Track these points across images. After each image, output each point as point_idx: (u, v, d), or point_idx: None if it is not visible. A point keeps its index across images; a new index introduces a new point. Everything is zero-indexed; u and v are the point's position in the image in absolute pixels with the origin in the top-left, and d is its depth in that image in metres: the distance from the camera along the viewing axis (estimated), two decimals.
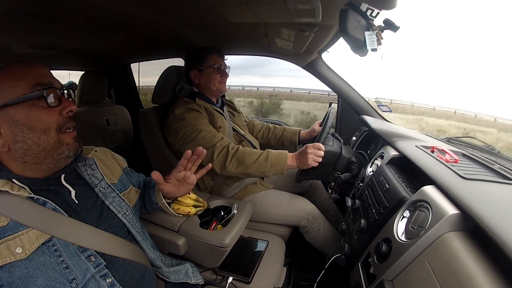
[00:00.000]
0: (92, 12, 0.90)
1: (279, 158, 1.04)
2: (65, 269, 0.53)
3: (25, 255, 0.49)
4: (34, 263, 0.50)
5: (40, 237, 0.52)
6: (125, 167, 0.81)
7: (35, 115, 0.53)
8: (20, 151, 0.53)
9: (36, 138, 0.53)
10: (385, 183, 0.80)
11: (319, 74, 1.45)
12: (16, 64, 0.55)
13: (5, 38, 1.11)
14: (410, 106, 7.73)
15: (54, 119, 0.55)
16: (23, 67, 0.54)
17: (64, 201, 0.59)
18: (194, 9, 0.95)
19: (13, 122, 0.52)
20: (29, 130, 0.53)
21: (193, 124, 1.09)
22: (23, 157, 0.54)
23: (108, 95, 2.13)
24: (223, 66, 1.24)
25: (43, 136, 0.54)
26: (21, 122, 0.52)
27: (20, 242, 0.50)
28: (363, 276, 0.69)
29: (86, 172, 0.66)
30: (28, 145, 0.53)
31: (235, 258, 0.95)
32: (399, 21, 0.74)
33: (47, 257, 0.52)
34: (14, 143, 0.52)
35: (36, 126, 0.53)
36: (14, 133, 0.52)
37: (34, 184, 0.56)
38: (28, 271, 0.49)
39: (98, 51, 1.61)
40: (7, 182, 0.52)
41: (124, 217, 0.68)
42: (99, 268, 0.58)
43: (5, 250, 0.48)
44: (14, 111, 0.51)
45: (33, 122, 0.53)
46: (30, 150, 0.53)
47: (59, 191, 0.59)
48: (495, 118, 6.35)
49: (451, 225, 0.51)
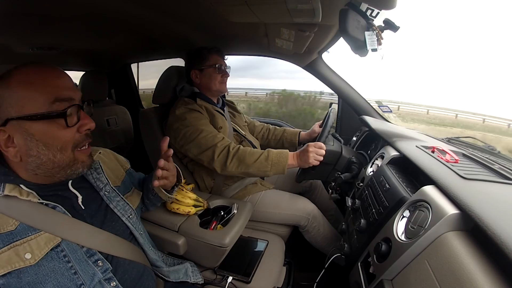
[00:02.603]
0: (92, 12, 0.90)
1: (279, 157, 1.04)
2: (73, 274, 0.53)
3: (34, 261, 0.49)
4: (43, 269, 0.50)
5: (49, 243, 0.52)
6: (128, 169, 0.81)
7: (53, 133, 0.51)
8: (33, 164, 0.51)
9: (51, 156, 0.51)
10: (385, 183, 0.80)
11: (319, 74, 1.45)
12: (33, 68, 0.51)
13: (5, 38, 1.11)
14: (425, 112, 6.70)
15: (71, 137, 0.53)
16: (42, 75, 0.51)
17: (71, 206, 0.58)
18: (194, 9, 0.95)
19: (28, 135, 0.49)
20: (45, 147, 0.51)
21: (194, 125, 1.09)
22: (35, 170, 0.52)
23: (109, 95, 2.14)
24: (224, 66, 1.24)
25: (59, 155, 0.52)
26: (36, 137, 0.50)
27: (29, 247, 0.49)
28: (363, 276, 0.69)
29: (92, 175, 0.66)
30: (42, 161, 0.51)
31: (235, 257, 0.95)
32: (399, 21, 0.74)
33: (56, 263, 0.52)
34: (27, 156, 0.51)
35: (53, 144, 0.51)
36: (28, 146, 0.50)
37: (42, 190, 0.55)
38: (37, 277, 0.49)
39: (98, 51, 1.61)
40: (15, 187, 0.51)
41: (128, 220, 0.69)
42: (106, 273, 0.58)
43: (14, 256, 0.48)
44: (30, 124, 0.49)
45: (49, 140, 0.51)
46: (44, 166, 0.52)
47: (66, 196, 0.59)
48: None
49: (451, 225, 0.51)
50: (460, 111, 5.79)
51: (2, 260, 0.46)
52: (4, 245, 0.47)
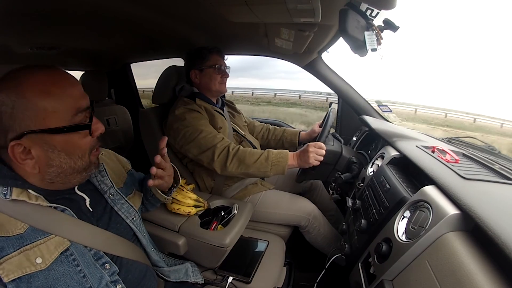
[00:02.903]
0: (92, 12, 0.90)
1: (279, 158, 1.04)
2: (82, 278, 0.53)
3: (45, 265, 0.49)
4: (53, 273, 0.50)
5: (58, 247, 0.52)
6: (129, 170, 0.81)
7: (75, 143, 0.52)
8: (53, 174, 0.52)
9: (73, 163, 0.53)
10: (386, 183, 0.80)
11: (319, 74, 1.45)
12: (46, 75, 0.49)
13: (5, 38, 1.11)
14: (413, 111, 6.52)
15: (89, 143, 0.55)
16: (59, 84, 0.49)
17: (79, 209, 0.58)
18: (194, 9, 0.95)
19: (50, 147, 0.49)
20: (67, 155, 0.52)
21: (193, 125, 1.09)
22: (53, 179, 0.53)
23: (108, 95, 2.14)
24: (224, 66, 1.24)
25: (79, 161, 0.54)
26: (58, 148, 0.50)
27: (39, 252, 0.49)
28: (363, 276, 0.69)
29: (96, 178, 0.65)
30: (64, 169, 0.52)
31: (235, 258, 0.95)
32: (398, 21, 0.74)
33: (66, 267, 0.52)
34: (47, 167, 0.51)
35: (75, 153, 0.53)
36: (49, 157, 0.50)
37: (50, 195, 0.54)
38: (47, 281, 0.49)
39: (98, 51, 1.61)
40: (23, 191, 0.50)
41: (132, 223, 0.69)
42: (113, 275, 0.59)
43: (25, 261, 0.47)
44: (52, 137, 0.49)
45: (72, 149, 0.52)
46: (64, 173, 0.53)
47: (74, 199, 0.59)
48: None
49: (451, 225, 0.51)
50: (479, 115, 5.49)
51: (12, 265, 0.46)
52: (15, 249, 0.47)
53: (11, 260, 0.46)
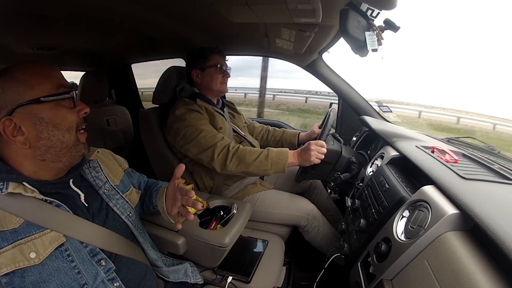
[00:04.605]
0: (92, 12, 0.91)
1: (280, 156, 1.04)
2: (77, 274, 0.53)
3: (39, 260, 0.49)
4: (47, 268, 0.50)
5: (53, 242, 0.52)
6: (126, 168, 0.81)
7: (62, 114, 0.55)
8: (43, 148, 0.54)
9: (61, 136, 0.55)
10: (385, 183, 0.80)
11: (319, 74, 1.45)
12: (33, 64, 0.55)
13: (5, 38, 1.12)
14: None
15: (75, 119, 0.57)
16: (43, 68, 0.55)
17: (75, 205, 0.59)
18: (195, 9, 0.95)
19: (38, 119, 0.52)
20: (54, 127, 0.54)
21: (193, 124, 1.09)
22: (43, 155, 0.54)
23: (109, 95, 2.14)
24: (225, 66, 1.24)
25: (67, 134, 0.56)
26: (46, 120, 0.53)
27: (34, 246, 0.49)
28: (363, 276, 0.69)
29: (90, 174, 0.66)
30: (52, 142, 0.54)
31: (234, 257, 0.95)
32: (399, 21, 0.74)
33: (60, 262, 0.52)
34: (37, 140, 0.53)
35: (61, 124, 0.55)
36: (38, 130, 0.52)
37: (45, 187, 0.55)
38: (41, 276, 0.49)
39: (98, 51, 1.61)
40: (19, 185, 0.52)
41: (128, 219, 0.69)
42: (108, 272, 0.58)
43: (19, 255, 0.47)
44: (40, 108, 0.52)
45: (59, 120, 0.54)
46: (53, 147, 0.54)
47: (69, 194, 0.59)
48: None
49: (450, 224, 0.51)
50: (499, 119, 4.96)
51: (6, 258, 0.46)
52: (8, 243, 0.47)
53: (4, 254, 0.46)
